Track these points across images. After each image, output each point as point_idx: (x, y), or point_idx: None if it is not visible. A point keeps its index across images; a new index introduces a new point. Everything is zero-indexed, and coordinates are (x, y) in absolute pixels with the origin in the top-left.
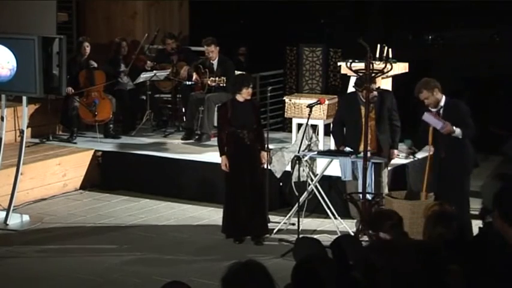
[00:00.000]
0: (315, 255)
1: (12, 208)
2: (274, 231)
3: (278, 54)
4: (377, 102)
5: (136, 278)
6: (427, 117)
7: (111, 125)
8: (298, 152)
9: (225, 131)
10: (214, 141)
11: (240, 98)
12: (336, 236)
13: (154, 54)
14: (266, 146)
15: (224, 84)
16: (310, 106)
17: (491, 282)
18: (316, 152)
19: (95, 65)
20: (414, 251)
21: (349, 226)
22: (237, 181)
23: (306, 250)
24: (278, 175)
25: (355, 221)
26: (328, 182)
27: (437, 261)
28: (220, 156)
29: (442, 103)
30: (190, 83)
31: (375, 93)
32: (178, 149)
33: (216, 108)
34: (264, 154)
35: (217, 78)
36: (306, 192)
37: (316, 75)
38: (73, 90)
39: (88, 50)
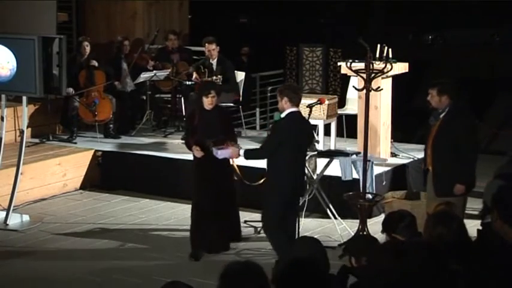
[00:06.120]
0: (301, 257)
1: (12, 208)
2: None
3: (278, 54)
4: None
5: (136, 278)
6: (219, 154)
7: (111, 125)
8: None
9: (192, 137)
10: None
11: (205, 106)
12: (336, 235)
13: (154, 54)
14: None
15: (221, 83)
16: (310, 106)
17: (491, 282)
18: (316, 152)
19: (96, 63)
20: (414, 251)
21: (349, 226)
22: (204, 191)
23: (306, 250)
24: None
25: (355, 221)
26: (328, 182)
27: (437, 261)
28: (190, 149)
29: None
30: (190, 82)
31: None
32: (178, 149)
33: None
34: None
35: (214, 78)
36: (305, 192)
37: (316, 75)
38: (73, 91)
39: (88, 49)
